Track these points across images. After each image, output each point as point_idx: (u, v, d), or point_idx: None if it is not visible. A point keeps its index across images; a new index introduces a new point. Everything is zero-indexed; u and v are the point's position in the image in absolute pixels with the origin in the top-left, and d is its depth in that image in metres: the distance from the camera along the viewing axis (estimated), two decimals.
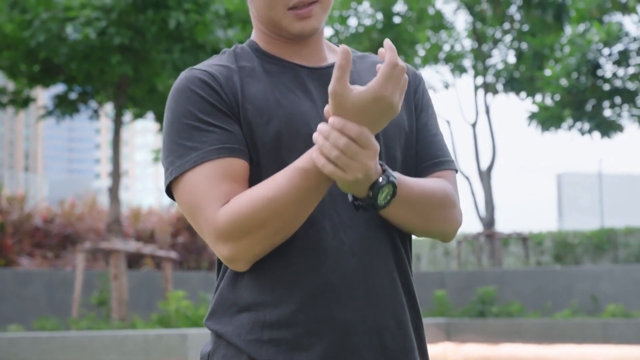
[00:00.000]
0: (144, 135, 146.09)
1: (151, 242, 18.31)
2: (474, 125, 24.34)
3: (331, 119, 1.81)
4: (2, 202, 17.43)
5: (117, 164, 14.39)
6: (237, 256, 1.92)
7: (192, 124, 1.96)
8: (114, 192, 14.22)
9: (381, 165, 1.90)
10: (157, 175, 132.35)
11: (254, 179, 1.97)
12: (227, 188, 1.92)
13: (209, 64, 2.06)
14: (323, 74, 2.09)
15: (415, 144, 2.14)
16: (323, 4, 2.08)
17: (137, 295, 15.39)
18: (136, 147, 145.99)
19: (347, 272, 1.96)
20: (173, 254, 14.93)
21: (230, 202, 1.90)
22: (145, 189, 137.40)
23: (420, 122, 2.17)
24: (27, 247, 17.01)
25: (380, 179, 1.87)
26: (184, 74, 2.03)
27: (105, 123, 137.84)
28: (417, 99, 2.18)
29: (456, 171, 2.18)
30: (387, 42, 1.85)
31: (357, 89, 1.80)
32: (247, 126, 1.98)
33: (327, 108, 1.84)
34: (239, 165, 1.95)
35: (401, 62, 1.85)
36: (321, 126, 1.82)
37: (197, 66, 2.05)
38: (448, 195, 2.07)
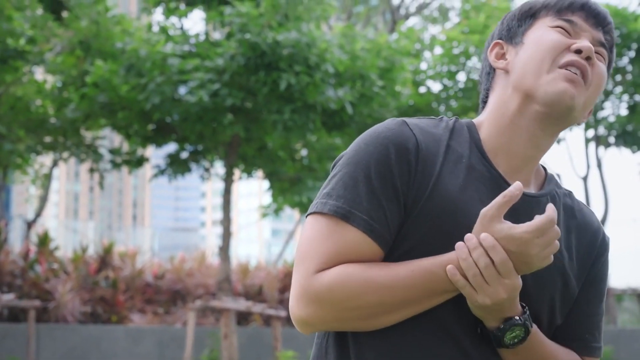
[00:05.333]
0: (249, 184, 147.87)
1: (259, 298, 18.35)
2: (585, 179, 23.84)
3: (483, 235, 1.76)
4: (114, 258, 17.72)
5: (228, 222, 14.51)
6: (312, 322, 1.84)
7: (361, 178, 1.84)
8: (224, 250, 14.33)
9: (523, 306, 1.84)
10: (261, 226, 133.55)
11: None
12: (344, 260, 1.82)
13: (422, 128, 1.90)
14: (528, 202, 1.93)
15: (568, 314, 2.01)
16: (592, 85, 1.94)
17: (246, 353, 15.39)
18: (241, 195, 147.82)
19: None
20: (282, 312, 14.91)
21: (339, 269, 1.80)
22: (250, 239, 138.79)
23: (584, 295, 2.02)
24: (138, 304, 17.23)
25: (517, 318, 1.82)
26: (394, 124, 1.89)
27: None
28: (594, 270, 2.04)
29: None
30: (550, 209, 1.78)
31: (509, 223, 1.76)
32: (417, 217, 1.84)
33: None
34: (370, 251, 1.83)
35: (557, 228, 1.78)
36: (469, 237, 1.77)
37: (411, 124, 1.90)
38: None
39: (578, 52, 1.91)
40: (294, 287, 1.85)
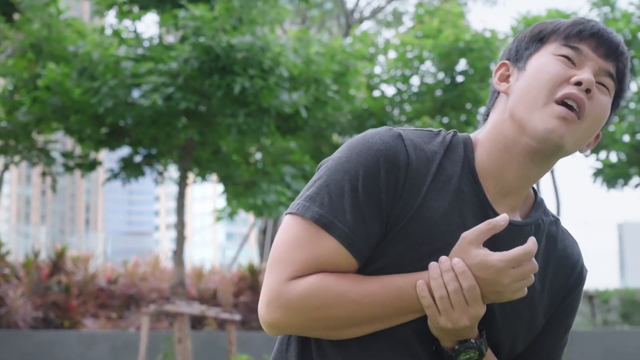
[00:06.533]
0: (203, 187, 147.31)
1: (213, 302, 18.29)
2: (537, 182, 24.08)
3: (455, 259, 1.78)
4: (67, 263, 17.56)
5: (182, 226, 14.45)
6: (280, 326, 1.85)
7: (347, 188, 1.81)
8: (178, 254, 14.27)
9: (480, 330, 1.85)
10: (216, 230, 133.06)
11: None
12: (319, 269, 1.81)
13: (416, 145, 1.87)
14: (510, 230, 1.89)
15: (530, 344, 2.01)
16: (588, 119, 1.89)
17: (201, 357, 15.34)
18: (195, 199, 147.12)
19: None
20: (237, 316, 14.87)
21: (313, 280, 1.80)
22: (204, 243, 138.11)
23: (550, 326, 2.03)
24: (91, 309, 17.09)
25: (473, 341, 1.83)
26: (390, 137, 1.86)
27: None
28: (565, 303, 2.03)
29: None
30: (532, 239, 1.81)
31: (486, 250, 1.78)
32: (397, 236, 1.83)
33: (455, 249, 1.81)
34: (347, 264, 1.82)
35: (534, 262, 1.80)
36: (443, 260, 1.79)
37: (406, 139, 1.87)
38: None
39: (578, 84, 1.86)
40: (266, 290, 1.84)
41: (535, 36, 1.96)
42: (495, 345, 1.93)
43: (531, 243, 1.78)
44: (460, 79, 19.11)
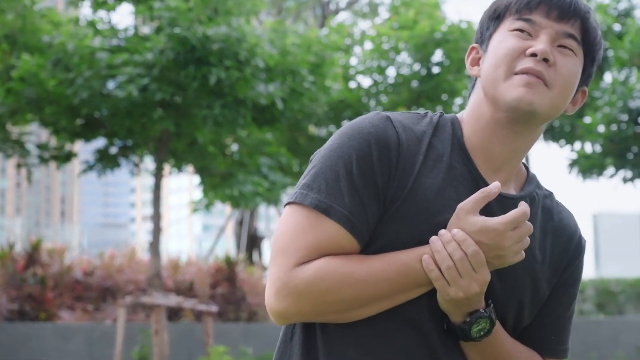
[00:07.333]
0: (179, 179, 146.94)
1: (190, 294, 18.27)
2: None
3: (455, 230, 1.81)
4: (42, 255, 17.48)
5: (158, 218, 14.41)
6: (288, 315, 1.86)
7: (342, 172, 1.84)
8: (154, 246, 14.23)
9: (487, 301, 1.88)
10: (192, 221, 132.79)
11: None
12: (323, 254, 1.83)
13: (405, 126, 1.91)
14: (505, 203, 1.93)
15: (536, 315, 2.03)
16: (556, 86, 1.91)
17: (178, 349, 15.32)
18: (171, 190, 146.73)
19: None
20: (214, 308, 14.86)
21: (319, 264, 1.82)
22: (180, 235, 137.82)
23: (554, 297, 2.04)
24: (67, 301, 17.02)
25: (483, 311, 1.85)
26: (378, 120, 1.90)
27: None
28: (566, 274, 2.05)
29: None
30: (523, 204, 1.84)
31: (484, 217, 1.81)
32: (394, 215, 1.86)
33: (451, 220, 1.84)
34: (349, 246, 1.85)
35: (529, 224, 1.83)
36: (443, 232, 1.82)
37: (395, 120, 1.90)
38: None
39: (533, 55, 1.89)
40: (272, 280, 1.85)
41: (491, 15, 1.99)
42: (500, 318, 1.95)
43: (524, 205, 1.82)
44: (436, 70, 19.15)
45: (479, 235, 1.80)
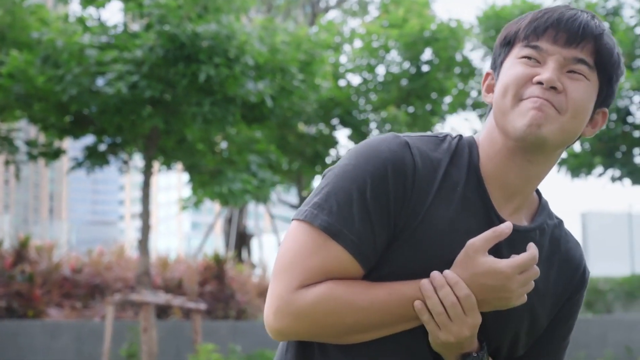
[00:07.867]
0: (168, 177, 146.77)
1: (179, 291, 18.25)
2: None
3: (446, 272, 1.80)
4: (31, 252, 17.43)
5: (147, 215, 14.39)
6: (287, 333, 1.86)
7: (355, 196, 1.82)
8: (143, 244, 14.21)
9: (481, 342, 1.88)
10: (181, 219, 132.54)
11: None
12: (327, 277, 1.83)
13: (422, 153, 1.87)
14: (514, 236, 1.90)
15: (532, 346, 2.03)
16: (567, 111, 1.87)
17: (166, 347, 15.30)
18: (160, 188, 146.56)
19: None
20: (202, 305, 14.85)
21: (323, 288, 1.81)
22: (169, 232, 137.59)
23: (551, 329, 2.04)
24: (55, 298, 16.98)
25: (475, 354, 1.86)
26: (397, 145, 1.86)
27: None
28: (567, 306, 2.05)
29: None
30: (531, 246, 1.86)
31: (492, 257, 1.80)
32: (403, 243, 1.84)
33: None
34: (354, 271, 1.84)
35: (536, 268, 1.83)
36: (436, 275, 1.80)
37: (413, 147, 1.87)
38: None
39: (540, 84, 1.86)
40: (273, 298, 1.84)
41: (502, 41, 1.96)
42: (493, 349, 1.95)
43: (533, 249, 1.81)
44: (425, 68, 19.16)
45: (486, 276, 1.79)
